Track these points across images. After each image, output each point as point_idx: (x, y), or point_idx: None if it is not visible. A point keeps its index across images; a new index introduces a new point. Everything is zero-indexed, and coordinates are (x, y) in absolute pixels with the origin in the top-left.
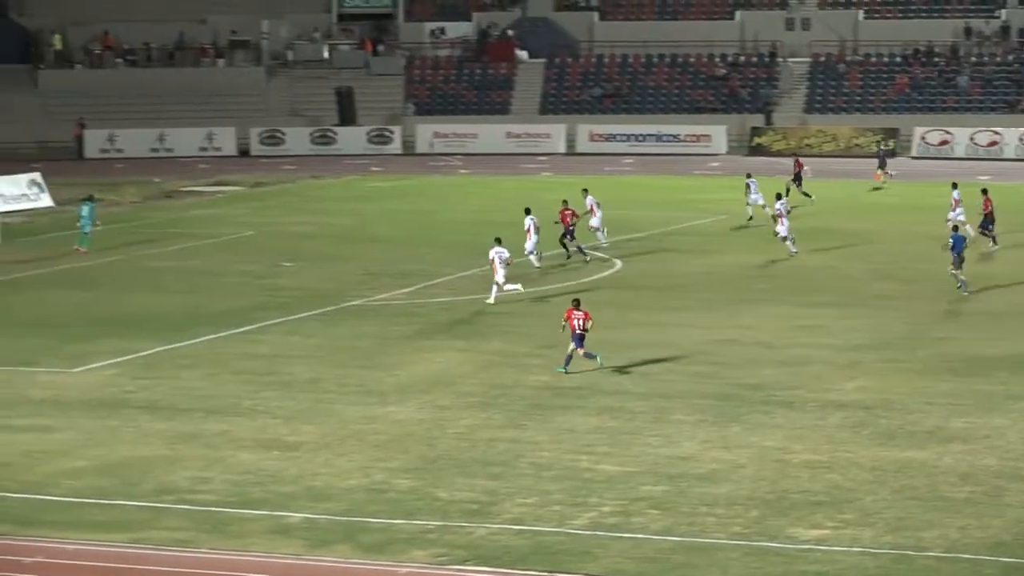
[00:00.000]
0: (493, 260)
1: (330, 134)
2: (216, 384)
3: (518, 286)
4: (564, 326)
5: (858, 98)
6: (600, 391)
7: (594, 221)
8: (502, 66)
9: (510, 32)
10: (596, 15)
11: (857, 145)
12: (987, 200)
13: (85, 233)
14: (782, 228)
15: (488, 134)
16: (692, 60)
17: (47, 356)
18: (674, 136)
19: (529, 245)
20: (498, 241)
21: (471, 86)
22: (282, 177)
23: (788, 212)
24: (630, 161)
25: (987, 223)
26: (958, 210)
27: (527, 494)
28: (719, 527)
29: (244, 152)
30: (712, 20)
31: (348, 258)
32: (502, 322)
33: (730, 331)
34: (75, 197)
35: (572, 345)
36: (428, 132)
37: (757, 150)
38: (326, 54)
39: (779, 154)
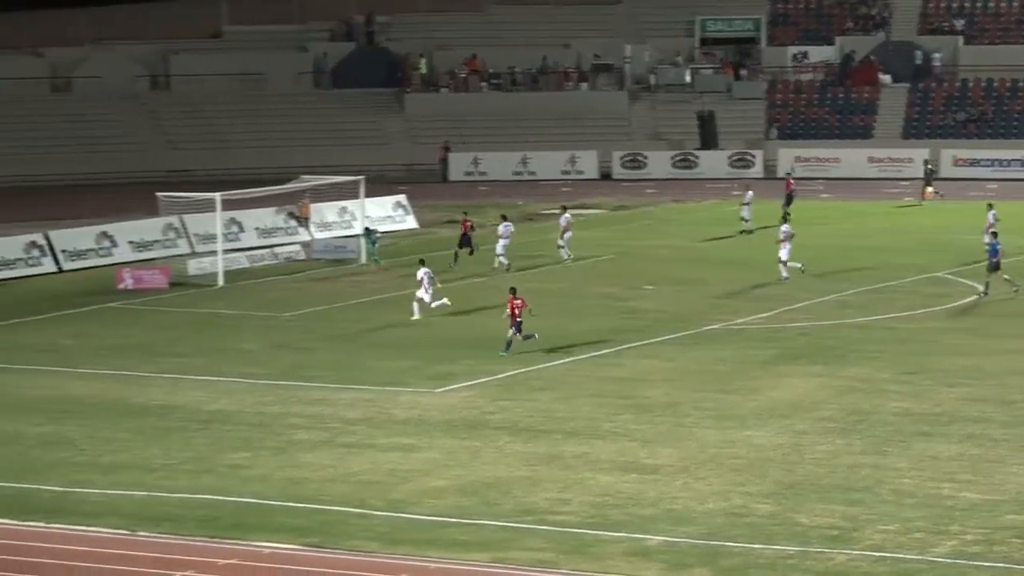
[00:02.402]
0: (421, 279)
1: (691, 158)
2: (574, 406)
3: (444, 300)
4: (507, 315)
5: None
6: (962, 418)
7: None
8: (865, 90)
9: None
10: (961, 39)
11: None
12: None
13: (374, 257)
14: (784, 252)
15: (850, 159)
16: None
17: (412, 377)
18: None
19: (499, 247)
20: (422, 263)
21: (833, 110)
22: (643, 201)
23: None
24: (994, 187)
25: None
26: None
27: (888, 521)
28: None
29: (606, 175)
30: None
31: (708, 281)
32: (862, 347)
33: None
34: (439, 219)
35: (511, 331)
36: (789, 156)
37: None
38: (688, 78)
39: None
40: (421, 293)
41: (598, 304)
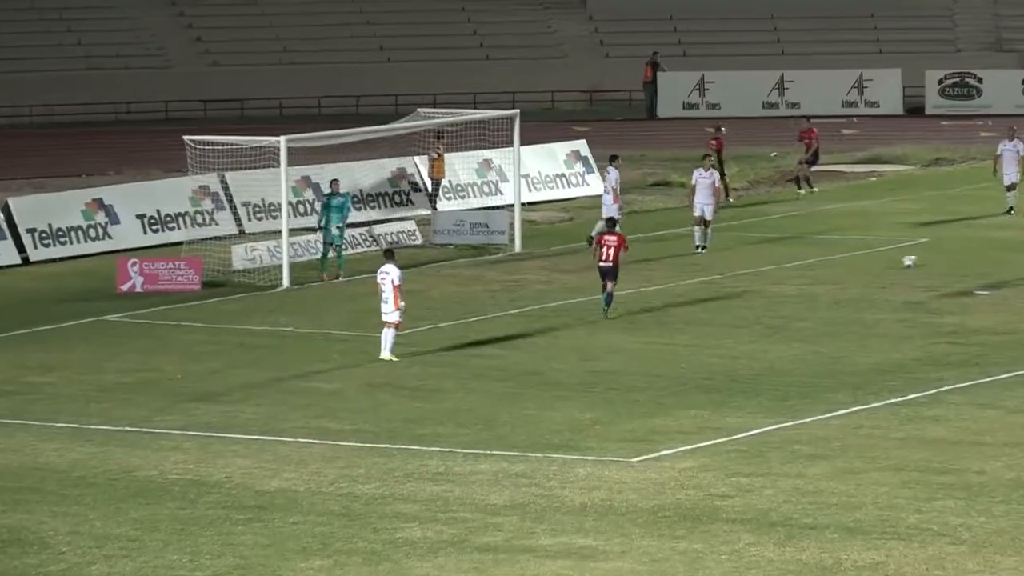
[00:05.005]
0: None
1: None
2: (859, 485)
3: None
4: (595, 251)
5: None
6: None
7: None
8: None
9: None
10: None
11: None
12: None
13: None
14: None
15: None
16: None
17: (595, 436)
18: None
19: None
20: (388, 255)
21: None
22: (976, 151)
23: None
24: None
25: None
26: None
27: None
28: None
29: (915, 109)
30: None
31: None
32: None
33: None
34: (642, 179)
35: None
36: None
37: None
38: None
39: None
40: (387, 310)
41: (899, 319)
